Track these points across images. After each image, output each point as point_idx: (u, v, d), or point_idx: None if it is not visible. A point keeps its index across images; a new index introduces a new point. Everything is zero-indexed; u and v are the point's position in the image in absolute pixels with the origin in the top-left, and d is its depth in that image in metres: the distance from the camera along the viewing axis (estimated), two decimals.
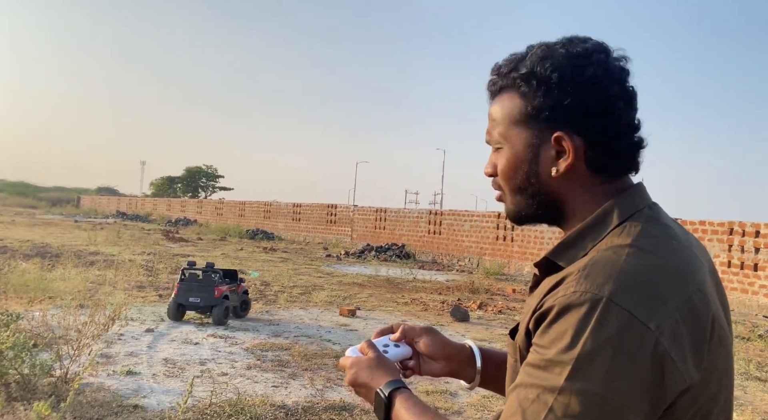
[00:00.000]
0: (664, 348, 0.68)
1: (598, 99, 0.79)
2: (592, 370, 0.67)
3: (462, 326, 7.62)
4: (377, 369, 0.92)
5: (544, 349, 0.72)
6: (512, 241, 17.25)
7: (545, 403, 0.69)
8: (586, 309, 0.69)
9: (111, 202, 49.96)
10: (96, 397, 4.03)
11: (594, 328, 0.68)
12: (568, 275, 0.75)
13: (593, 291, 0.70)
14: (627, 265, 0.72)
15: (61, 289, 7.64)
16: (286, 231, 27.56)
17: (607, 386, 0.67)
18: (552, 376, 0.69)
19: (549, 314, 0.73)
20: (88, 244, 15.75)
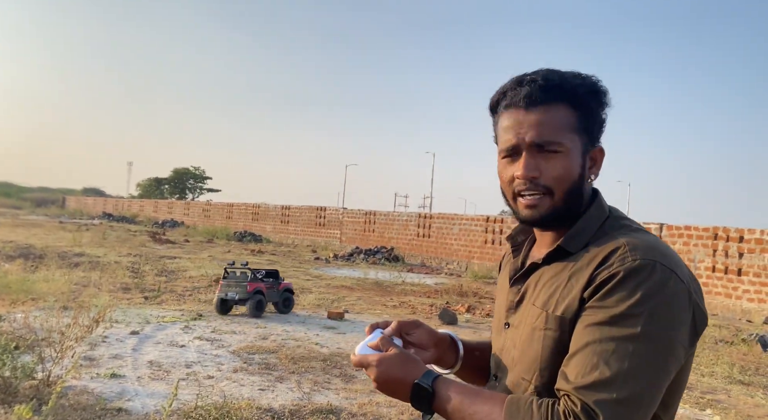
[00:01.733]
0: (694, 297, 0.88)
1: (605, 117, 1.01)
2: (660, 318, 0.84)
3: (450, 329, 7.58)
4: (408, 363, 0.95)
5: (610, 308, 0.85)
6: (500, 245, 17.32)
7: (625, 351, 0.82)
8: (648, 271, 0.86)
9: (97, 203, 49.41)
10: (79, 401, 3.97)
11: (659, 285, 0.85)
12: (613, 251, 0.90)
13: (648, 257, 0.87)
14: (651, 241, 0.92)
15: (45, 291, 7.52)
16: (275, 233, 27.43)
17: (674, 329, 0.84)
18: (626, 329, 0.83)
19: (613, 279, 0.87)
20: (73, 245, 15.54)
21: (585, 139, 0.97)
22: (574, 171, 0.96)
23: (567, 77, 0.97)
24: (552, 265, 0.98)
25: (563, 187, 0.96)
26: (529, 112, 0.96)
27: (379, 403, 4.36)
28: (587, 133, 0.98)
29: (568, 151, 0.96)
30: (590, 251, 0.93)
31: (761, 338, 7.80)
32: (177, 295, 8.73)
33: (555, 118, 0.96)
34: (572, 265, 0.94)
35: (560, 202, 0.97)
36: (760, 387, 5.70)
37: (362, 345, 1.01)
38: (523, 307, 1.00)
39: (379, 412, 4.15)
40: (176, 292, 9.05)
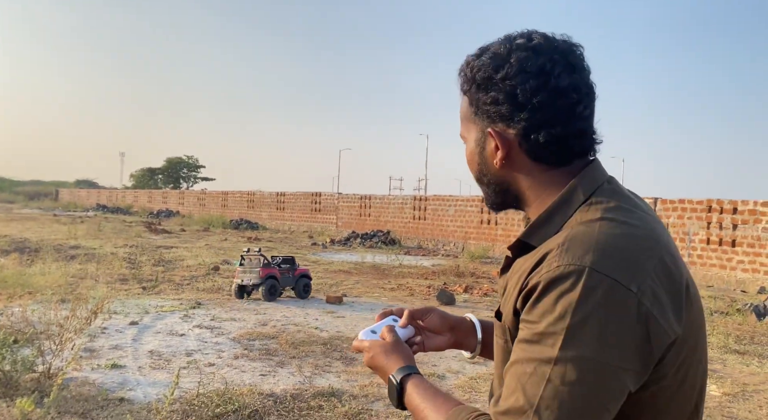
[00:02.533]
0: (646, 308, 0.73)
1: (516, 93, 0.84)
2: (583, 336, 0.71)
3: (448, 310, 7.64)
4: (392, 354, 0.96)
5: (534, 324, 0.75)
6: (496, 225, 17.37)
7: (543, 375, 0.72)
8: (572, 280, 0.73)
9: (91, 195, 49.13)
10: (81, 392, 3.98)
11: (582, 296, 0.72)
12: (549, 252, 0.78)
13: (576, 262, 0.74)
14: (602, 236, 0.77)
15: (42, 284, 7.51)
16: (271, 220, 27.40)
17: (600, 350, 0.71)
18: (546, 348, 0.72)
19: (536, 290, 0.76)
20: (68, 238, 15.48)
21: (481, 124, 0.90)
22: (471, 159, 0.94)
23: (466, 61, 0.91)
24: (521, 259, 0.87)
25: (472, 175, 0.96)
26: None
27: (380, 384, 4.39)
28: (483, 117, 0.90)
29: (467, 141, 0.95)
30: (540, 248, 0.82)
31: (756, 308, 7.90)
32: (175, 285, 8.73)
33: (461, 108, 0.95)
34: (524, 264, 0.85)
35: (481, 189, 0.96)
36: (756, 356, 5.78)
37: (366, 330, 1.02)
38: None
39: (380, 393, 4.18)
40: (174, 281, 9.05)
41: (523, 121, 0.85)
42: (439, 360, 5.23)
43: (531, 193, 0.90)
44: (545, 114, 0.84)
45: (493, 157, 0.90)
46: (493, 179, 0.92)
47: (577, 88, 0.85)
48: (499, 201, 0.95)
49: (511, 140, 0.87)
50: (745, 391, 4.64)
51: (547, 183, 0.89)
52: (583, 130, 0.87)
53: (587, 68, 0.89)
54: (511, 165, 0.89)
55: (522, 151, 0.87)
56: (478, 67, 0.88)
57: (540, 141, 0.85)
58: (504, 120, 0.87)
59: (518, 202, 0.93)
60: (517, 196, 0.92)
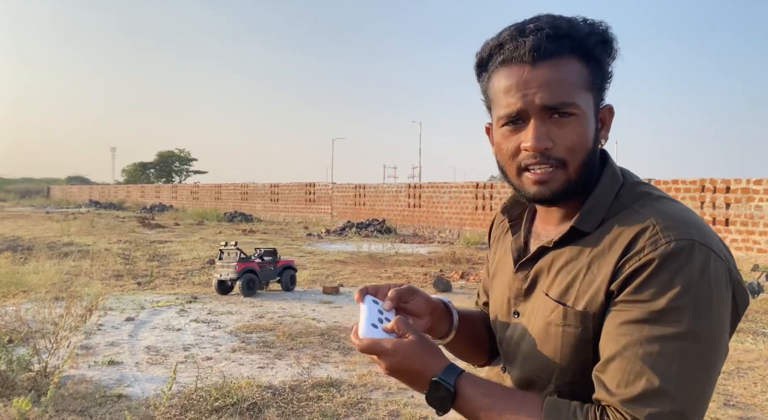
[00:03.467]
0: (735, 275, 0.77)
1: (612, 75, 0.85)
2: (707, 307, 0.72)
3: (445, 296, 7.68)
4: (426, 354, 0.82)
5: (649, 302, 0.73)
6: (491, 210, 17.39)
7: (673, 352, 0.71)
8: (686, 253, 0.73)
9: (83, 192, 48.79)
10: (78, 390, 3.97)
11: (700, 269, 0.73)
12: (640, 233, 0.76)
13: (684, 236, 0.74)
14: (680, 212, 0.79)
15: (35, 283, 7.46)
16: (265, 212, 27.33)
17: (720, 319, 0.73)
18: (670, 325, 0.72)
19: (647, 268, 0.74)
20: (61, 235, 15.38)
21: (597, 97, 0.83)
22: (590, 137, 0.82)
23: (576, 24, 0.81)
24: (566, 248, 0.84)
25: (578, 157, 0.81)
26: (536, 67, 0.79)
27: (379, 373, 4.40)
28: (599, 90, 0.83)
29: (583, 115, 0.80)
30: (612, 231, 0.79)
31: (750, 285, 7.96)
32: (170, 279, 8.70)
33: (568, 74, 0.80)
34: (591, 249, 0.80)
35: (574, 175, 0.82)
36: (750, 333, 5.83)
37: (366, 324, 0.84)
38: (534, 297, 0.88)
39: (378, 382, 4.19)
40: (169, 276, 9.02)
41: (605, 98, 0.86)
42: None
43: (591, 176, 0.86)
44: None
45: (599, 135, 0.86)
46: (594, 161, 0.85)
47: None
48: (586, 185, 0.85)
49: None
50: (740, 368, 4.68)
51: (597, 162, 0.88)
52: None
53: None
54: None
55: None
56: (613, 37, 0.84)
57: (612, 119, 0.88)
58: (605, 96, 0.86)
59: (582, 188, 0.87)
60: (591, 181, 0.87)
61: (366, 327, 0.83)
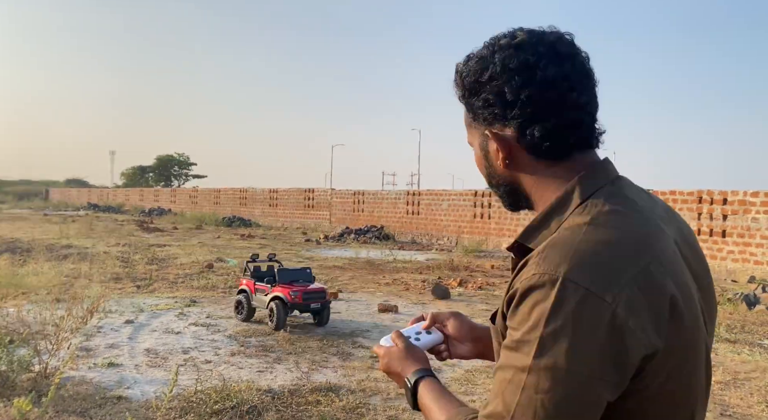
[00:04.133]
0: (621, 318, 0.71)
1: (504, 92, 0.84)
2: (555, 346, 0.71)
3: (443, 304, 7.71)
4: (406, 359, 1.01)
5: (514, 330, 0.76)
6: (489, 218, 17.44)
7: (519, 382, 0.73)
8: (545, 290, 0.73)
9: (81, 194, 48.74)
10: (78, 391, 3.98)
11: (554, 307, 0.72)
12: (531, 258, 0.78)
13: (550, 272, 0.74)
14: (582, 243, 0.75)
15: (35, 284, 7.47)
16: (264, 217, 27.33)
17: (572, 360, 0.71)
18: (522, 356, 0.73)
19: (515, 297, 0.77)
20: (60, 237, 15.37)
21: (480, 128, 0.91)
22: (479, 163, 0.95)
23: (456, 69, 0.92)
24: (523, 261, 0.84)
25: (485, 179, 0.96)
26: None
27: (377, 378, 4.42)
28: (480, 121, 0.90)
29: (473, 147, 0.95)
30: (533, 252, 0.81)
31: (746, 297, 8.00)
32: (169, 283, 8.71)
33: (463, 117, 0.95)
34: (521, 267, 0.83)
35: (495, 193, 0.96)
36: (746, 344, 5.87)
37: (386, 338, 1.07)
38: None
39: (377, 387, 4.21)
40: (168, 279, 9.03)
41: (516, 118, 0.84)
42: None
43: (535, 192, 0.89)
44: (536, 107, 0.83)
45: (497, 159, 0.89)
46: (501, 180, 0.92)
47: (567, 77, 0.83)
48: (511, 201, 0.94)
49: (509, 139, 0.87)
50: (737, 379, 4.72)
51: (549, 180, 0.87)
52: (578, 119, 0.85)
53: (581, 54, 0.87)
54: (514, 164, 0.89)
55: (522, 149, 0.87)
56: (466, 73, 0.89)
57: (536, 135, 0.84)
58: (499, 120, 0.87)
59: (528, 202, 0.92)
60: (525, 195, 0.91)
61: (387, 337, 1.08)
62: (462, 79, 0.90)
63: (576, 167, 0.86)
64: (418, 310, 7.24)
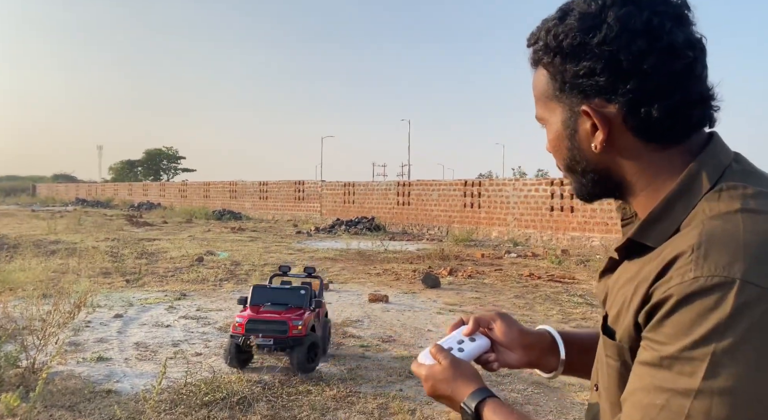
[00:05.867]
0: None
1: (619, 59, 0.69)
2: (736, 365, 0.57)
3: (434, 292, 7.75)
4: (455, 379, 0.83)
5: (662, 345, 0.61)
6: (479, 208, 17.51)
7: (680, 410, 0.58)
8: (718, 295, 0.59)
9: (69, 190, 48.25)
10: (67, 385, 3.96)
11: (732, 316, 0.58)
12: (679, 256, 0.63)
13: (720, 273, 0.59)
14: (750, 236, 0.62)
15: (22, 280, 7.40)
16: (254, 210, 27.24)
17: (757, 381, 0.57)
18: (682, 377, 0.59)
19: (664, 304, 0.62)
20: (48, 233, 15.23)
21: (569, 102, 0.75)
22: (559, 144, 0.78)
23: (543, 26, 0.76)
24: (632, 262, 0.73)
25: (559, 163, 0.81)
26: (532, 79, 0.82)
27: (368, 367, 4.44)
28: (573, 93, 0.74)
29: (550, 124, 0.79)
30: (665, 249, 0.67)
31: None
32: (159, 277, 8.67)
33: (536, 85, 0.79)
34: (641, 269, 0.69)
35: (570, 179, 0.81)
36: None
37: (425, 353, 0.88)
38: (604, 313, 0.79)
39: (367, 376, 4.23)
40: (158, 273, 8.99)
41: (629, 93, 0.69)
42: (426, 341, 5.29)
43: (639, 180, 0.74)
44: (659, 81, 0.69)
45: (590, 140, 0.74)
46: (591, 166, 0.76)
47: (692, 44, 0.70)
48: (597, 191, 0.79)
49: (612, 118, 0.71)
50: None
51: (659, 166, 0.72)
52: (703, 94, 0.71)
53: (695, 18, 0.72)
54: (613, 147, 0.73)
55: (627, 130, 0.72)
56: (564, 33, 0.72)
57: (653, 115, 0.69)
58: (603, 94, 0.71)
59: (620, 191, 0.77)
60: (619, 183, 0.76)
61: (425, 351, 0.88)
62: (557, 40, 0.73)
63: (692, 149, 0.72)
64: (409, 299, 7.28)
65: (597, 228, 14.28)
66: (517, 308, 6.81)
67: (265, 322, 4.19)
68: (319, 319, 4.54)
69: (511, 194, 16.60)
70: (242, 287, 7.87)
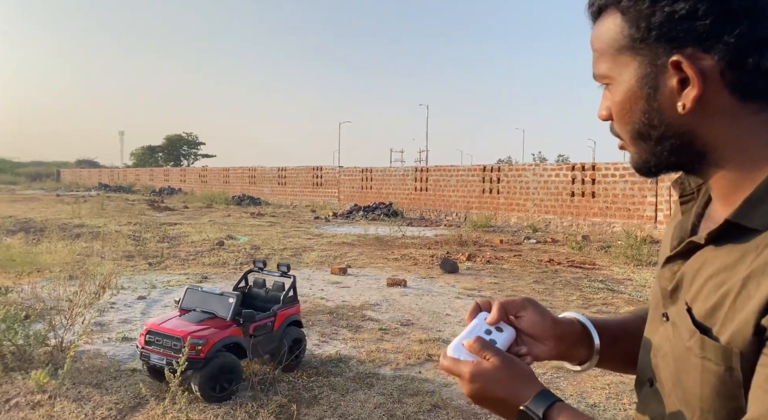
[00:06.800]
0: None
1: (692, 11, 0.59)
2: None
3: (452, 277, 7.74)
4: (512, 380, 0.69)
5: None
6: (498, 193, 17.37)
7: None
8: None
9: (92, 175, 49.11)
10: (93, 364, 4.07)
11: None
12: None
13: None
14: None
15: (49, 262, 7.59)
16: (273, 195, 27.42)
17: None
18: None
19: None
20: (73, 217, 15.55)
21: (651, 53, 0.62)
22: (632, 106, 0.65)
23: None
24: (723, 249, 0.61)
25: (626, 130, 0.67)
26: (593, 28, 0.69)
27: (387, 350, 4.47)
28: (660, 41, 0.61)
29: (619, 81, 0.66)
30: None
31: None
32: (180, 260, 8.81)
33: (603, 35, 0.66)
34: (753, 258, 0.57)
35: (637, 148, 0.67)
36: None
37: (457, 342, 0.74)
38: (678, 303, 0.66)
39: (386, 358, 4.26)
40: (179, 257, 9.13)
41: (736, 39, 0.58)
42: (444, 325, 5.30)
43: (729, 148, 0.62)
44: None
45: (675, 99, 0.62)
46: (671, 131, 0.64)
47: None
48: (672, 161, 0.66)
49: (708, 71, 0.59)
50: None
51: (758, 132, 0.61)
52: None
53: None
54: (703, 107, 0.61)
55: (723, 86, 0.60)
56: None
57: (763, 66, 0.58)
58: (701, 41, 0.59)
59: (700, 161, 0.65)
60: (702, 152, 0.64)
61: (456, 344, 0.74)
62: None
63: None
64: (427, 284, 7.29)
65: (619, 213, 14.09)
66: (537, 294, 6.77)
67: (163, 336, 3.48)
68: (276, 331, 3.83)
69: (531, 180, 16.43)
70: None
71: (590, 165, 15.05)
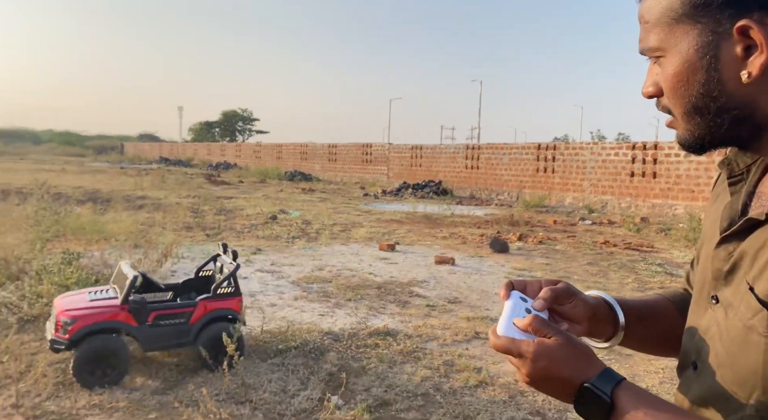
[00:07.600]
0: None
1: None
2: None
3: (502, 257, 7.66)
4: (578, 358, 0.67)
5: None
6: (553, 172, 16.91)
7: None
8: None
9: (153, 149, 51.27)
10: None
11: None
12: None
13: None
14: None
15: (115, 231, 8.03)
16: (323, 172, 27.79)
17: None
18: None
19: None
20: (135, 189, 16.35)
21: (713, 20, 0.60)
22: (689, 77, 0.62)
23: None
24: None
25: (681, 104, 0.64)
26: (641, 2, 0.67)
27: (434, 325, 4.51)
28: (723, 7, 0.59)
29: (675, 52, 0.63)
30: None
31: None
32: (236, 232, 9.13)
33: (657, 4, 0.64)
34: None
35: (691, 124, 0.65)
36: None
37: (507, 321, 0.71)
38: (736, 283, 0.65)
39: (433, 334, 4.30)
40: (235, 229, 9.46)
41: (743, 13, 0.58)
42: (493, 304, 5.27)
43: None
44: None
45: (738, 68, 0.60)
46: (733, 102, 0.61)
47: None
48: (730, 135, 0.64)
49: None
50: None
51: None
52: None
53: None
54: (767, 77, 0.59)
55: None
56: None
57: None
58: (767, 6, 0.58)
59: (759, 134, 0.63)
60: (761, 125, 0.62)
61: (506, 324, 0.71)
62: None
63: None
64: (476, 262, 7.25)
65: (681, 195, 13.44)
66: (590, 275, 6.61)
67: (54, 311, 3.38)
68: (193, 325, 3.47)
69: (588, 159, 15.88)
70: (312, 244, 8.14)
71: (652, 144, 14.37)
